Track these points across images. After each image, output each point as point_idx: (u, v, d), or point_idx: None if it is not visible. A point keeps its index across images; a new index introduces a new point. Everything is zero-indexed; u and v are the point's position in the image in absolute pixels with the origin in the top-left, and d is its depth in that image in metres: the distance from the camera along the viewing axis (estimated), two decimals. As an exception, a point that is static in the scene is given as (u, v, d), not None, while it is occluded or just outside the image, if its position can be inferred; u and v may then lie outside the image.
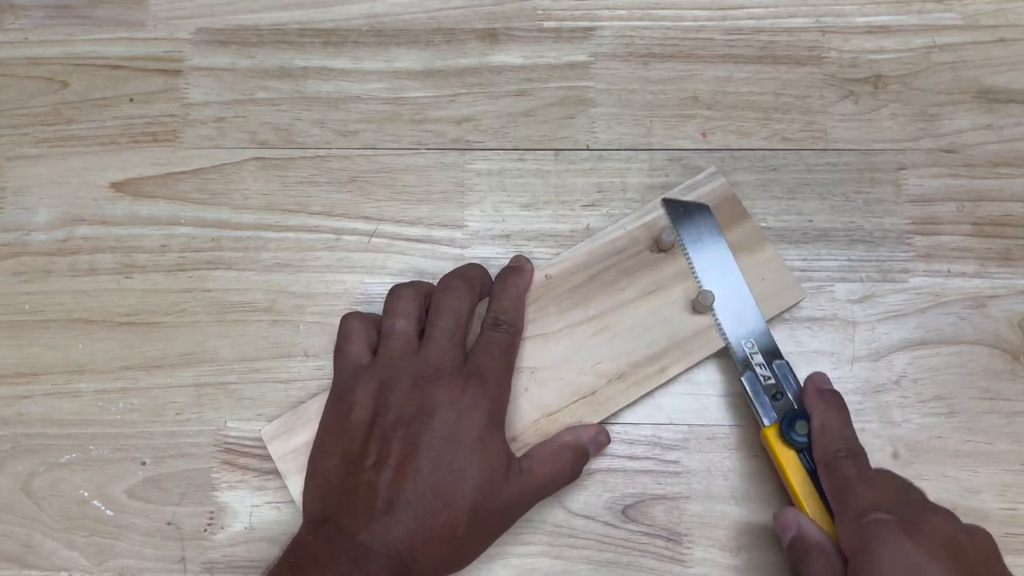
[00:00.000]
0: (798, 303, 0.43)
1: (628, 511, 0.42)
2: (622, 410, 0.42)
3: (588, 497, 0.42)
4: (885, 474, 0.37)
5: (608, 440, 0.41)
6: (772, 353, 0.41)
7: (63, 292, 0.45)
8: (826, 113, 0.46)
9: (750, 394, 0.40)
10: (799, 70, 0.47)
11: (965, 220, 0.45)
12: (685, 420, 0.43)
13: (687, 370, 0.42)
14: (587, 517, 0.42)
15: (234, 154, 0.47)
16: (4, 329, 0.45)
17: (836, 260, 0.44)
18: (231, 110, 0.47)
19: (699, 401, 0.43)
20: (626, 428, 0.42)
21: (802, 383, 0.40)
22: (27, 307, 0.45)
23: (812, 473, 0.38)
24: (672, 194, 0.44)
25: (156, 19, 0.49)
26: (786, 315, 0.43)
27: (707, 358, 0.43)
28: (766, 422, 0.40)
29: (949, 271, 0.44)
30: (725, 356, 0.42)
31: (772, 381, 0.40)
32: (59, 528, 0.42)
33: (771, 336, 0.41)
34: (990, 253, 0.44)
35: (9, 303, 0.45)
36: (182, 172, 0.46)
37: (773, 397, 0.40)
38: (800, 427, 0.39)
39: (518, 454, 0.38)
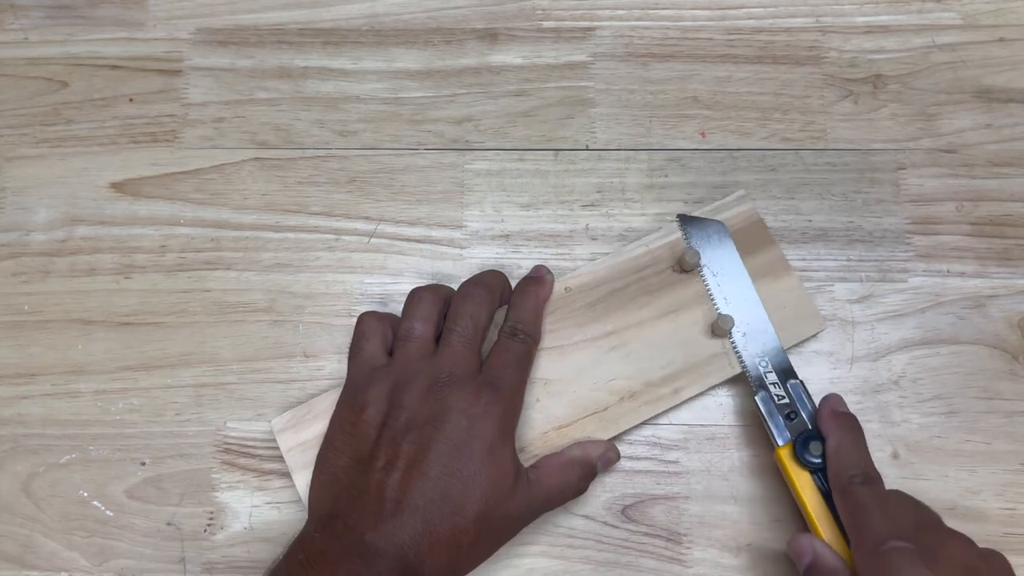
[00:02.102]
0: (816, 334, 0.43)
1: (628, 511, 0.42)
2: (624, 431, 0.42)
3: (588, 497, 0.42)
4: (900, 498, 0.36)
5: (617, 457, 0.41)
6: (786, 373, 0.40)
7: (62, 292, 0.45)
8: (825, 113, 0.46)
9: (764, 414, 0.40)
10: (798, 70, 0.47)
11: (964, 220, 0.45)
12: (685, 420, 0.43)
13: (699, 395, 0.42)
14: (587, 517, 0.42)
15: (233, 154, 0.47)
16: (3, 329, 0.45)
17: (835, 260, 0.44)
18: (230, 110, 0.47)
19: (699, 401, 0.43)
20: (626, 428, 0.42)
21: (817, 404, 0.40)
22: (26, 307, 0.45)
23: (826, 495, 0.38)
24: (697, 215, 0.44)
25: (155, 19, 0.49)
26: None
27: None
28: (780, 442, 0.39)
29: (948, 271, 0.44)
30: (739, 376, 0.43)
31: (786, 401, 0.40)
32: (59, 529, 0.42)
33: (785, 356, 0.41)
34: (989, 253, 0.44)
35: (8, 303, 0.45)
36: (181, 172, 0.46)
37: (787, 417, 0.40)
38: (814, 448, 0.38)
39: (526, 465, 0.38)
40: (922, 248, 0.45)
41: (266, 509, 0.42)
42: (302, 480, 0.40)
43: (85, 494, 0.42)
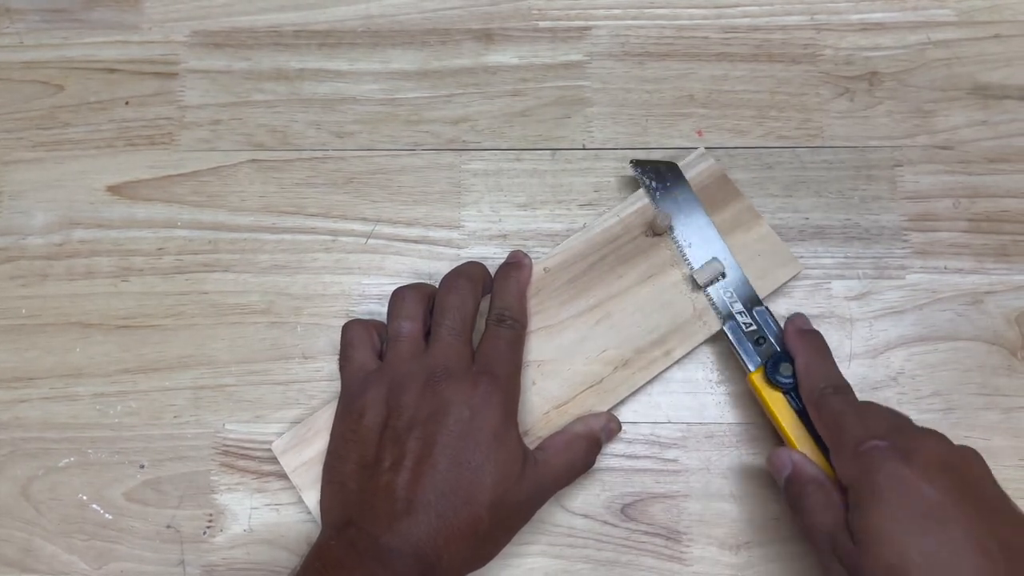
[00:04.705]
0: (796, 276, 0.43)
1: (627, 510, 0.42)
2: (624, 404, 0.42)
3: (587, 496, 0.42)
4: (872, 405, 0.38)
5: (619, 427, 0.41)
6: (752, 301, 0.41)
7: (60, 296, 0.45)
8: (822, 110, 0.47)
9: (733, 342, 0.41)
10: (794, 68, 0.47)
11: (961, 216, 0.45)
12: (683, 418, 0.43)
13: (696, 361, 0.42)
14: (586, 516, 0.42)
15: (230, 156, 0.47)
16: (1, 333, 0.44)
17: (833, 257, 0.45)
18: (227, 112, 0.47)
19: (697, 399, 0.43)
20: (625, 427, 0.42)
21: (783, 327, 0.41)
22: (24, 311, 0.45)
23: (800, 413, 0.39)
24: (651, 159, 0.45)
25: (151, 22, 0.49)
26: (784, 313, 0.43)
27: (707, 353, 0.43)
28: (751, 367, 0.40)
29: (946, 267, 0.44)
30: (724, 341, 0.43)
31: (754, 327, 0.41)
32: (58, 532, 0.42)
33: (750, 285, 0.42)
34: (986, 249, 0.44)
35: (6, 307, 0.45)
36: (178, 175, 0.46)
37: (756, 343, 0.41)
38: (784, 369, 0.39)
39: (531, 447, 0.38)
40: (919, 245, 0.45)
41: (265, 511, 0.42)
42: (312, 498, 0.40)
43: (84, 497, 0.42)
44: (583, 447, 0.39)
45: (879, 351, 0.43)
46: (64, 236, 0.46)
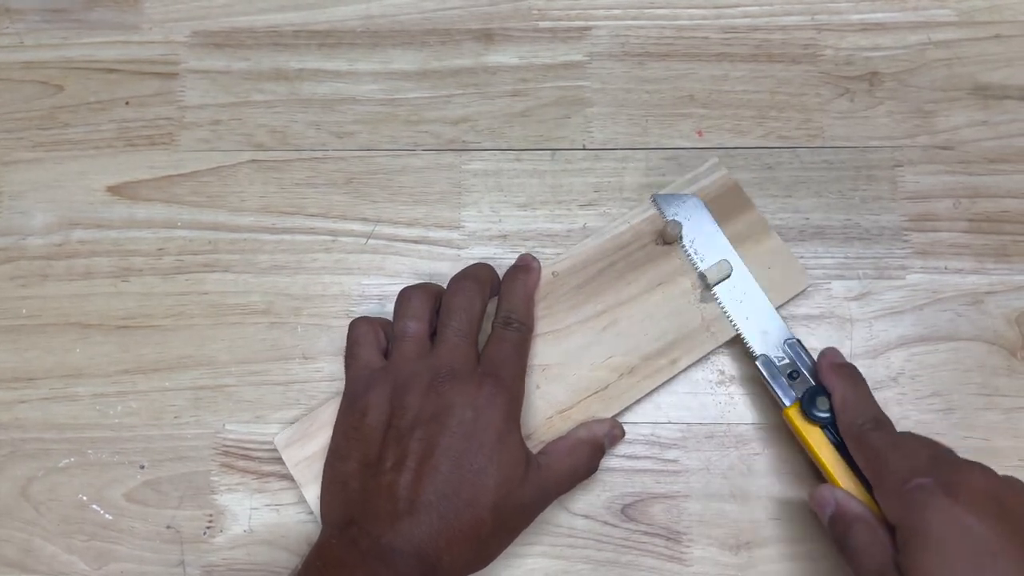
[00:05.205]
0: (804, 290, 0.43)
1: (627, 510, 0.42)
2: (627, 406, 0.42)
3: (588, 497, 0.42)
4: (912, 437, 0.37)
5: (622, 434, 0.41)
6: (783, 334, 0.41)
7: (60, 296, 0.45)
8: (822, 111, 0.46)
9: (766, 377, 0.40)
10: (795, 68, 0.47)
11: (961, 216, 0.45)
12: (683, 419, 0.43)
13: (697, 362, 0.42)
14: (587, 517, 0.42)
15: (230, 156, 0.47)
16: (1, 333, 0.44)
17: (833, 257, 0.44)
18: (227, 113, 0.47)
19: (697, 400, 0.43)
20: (625, 427, 0.42)
21: (815, 359, 0.41)
22: (24, 311, 0.45)
23: (839, 447, 0.38)
24: (672, 188, 0.44)
25: (151, 22, 0.49)
26: (783, 312, 0.43)
27: (712, 354, 0.43)
28: (786, 402, 0.40)
29: (946, 267, 0.44)
30: (731, 347, 0.43)
31: (786, 361, 0.40)
32: (58, 532, 0.42)
33: (779, 318, 0.41)
34: (986, 249, 0.44)
35: (6, 307, 0.45)
36: (178, 175, 0.46)
37: (789, 376, 0.40)
38: (821, 403, 0.39)
39: (534, 451, 0.38)
40: (919, 245, 0.45)
41: (265, 511, 0.42)
42: (312, 494, 0.40)
43: (84, 498, 0.42)
44: (586, 453, 0.39)
45: (879, 351, 0.43)
46: (64, 236, 0.46)
